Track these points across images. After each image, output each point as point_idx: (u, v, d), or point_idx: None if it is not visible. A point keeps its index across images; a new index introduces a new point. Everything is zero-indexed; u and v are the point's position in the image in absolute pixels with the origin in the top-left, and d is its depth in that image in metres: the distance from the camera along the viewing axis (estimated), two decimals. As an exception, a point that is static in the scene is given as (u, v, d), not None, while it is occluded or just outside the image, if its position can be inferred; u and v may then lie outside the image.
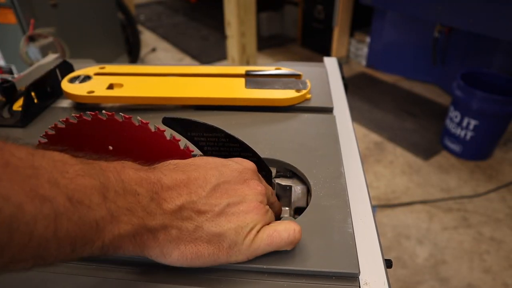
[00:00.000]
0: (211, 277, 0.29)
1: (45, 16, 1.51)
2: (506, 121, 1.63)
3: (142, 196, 0.25)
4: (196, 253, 0.26)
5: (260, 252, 0.28)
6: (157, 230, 0.25)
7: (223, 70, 0.58)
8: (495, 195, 1.54)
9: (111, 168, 0.24)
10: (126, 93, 0.50)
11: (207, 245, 0.26)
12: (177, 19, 3.76)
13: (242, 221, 0.27)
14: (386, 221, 1.43)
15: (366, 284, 0.29)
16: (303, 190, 0.40)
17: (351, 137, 0.47)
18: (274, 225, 0.29)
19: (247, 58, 2.14)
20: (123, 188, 0.24)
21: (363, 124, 2.01)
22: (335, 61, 0.68)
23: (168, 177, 0.27)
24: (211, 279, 0.29)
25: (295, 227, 0.29)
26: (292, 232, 0.28)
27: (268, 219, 0.30)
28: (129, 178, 0.25)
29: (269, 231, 0.28)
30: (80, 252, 0.22)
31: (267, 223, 0.29)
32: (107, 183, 0.23)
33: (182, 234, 0.26)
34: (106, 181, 0.23)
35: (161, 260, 0.27)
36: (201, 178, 0.28)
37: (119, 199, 0.23)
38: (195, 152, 0.35)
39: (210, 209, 0.27)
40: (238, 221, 0.27)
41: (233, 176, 0.29)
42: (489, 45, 1.96)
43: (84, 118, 0.33)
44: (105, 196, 0.23)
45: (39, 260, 0.20)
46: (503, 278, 1.22)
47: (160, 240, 0.26)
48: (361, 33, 2.62)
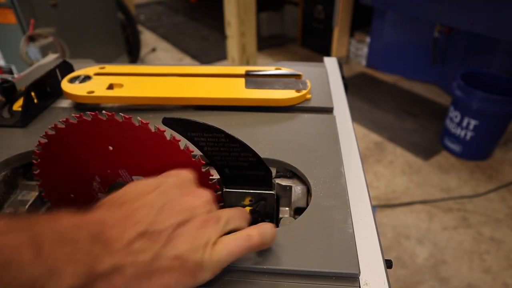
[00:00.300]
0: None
1: (45, 16, 1.51)
2: (506, 121, 1.63)
3: (82, 241, 0.22)
4: (161, 285, 0.24)
5: (224, 263, 0.27)
6: (109, 273, 0.23)
7: (223, 70, 0.58)
8: (495, 195, 1.54)
9: (43, 219, 0.23)
10: (126, 93, 0.50)
11: (170, 273, 0.24)
12: (177, 19, 3.76)
13: (195, 237, 0.26)
14: (386, 221, 1.43)
15: (366, 284, 0.29)
16: (303, 190, 0.40)
17: (351, 137, 0.47)
18: (232, 234, 0.28)
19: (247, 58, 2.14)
20: (59, 239, 0.22)
21: (363, 124, 2.01)
22: (335, 61, 0.68)
23: (109, 214, 0.25)
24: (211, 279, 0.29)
25: (250, 232, 0.27)
26: (247, 238, 0.27)
27: (223, 225, 0.28)
28: (65, 225, 0.23)
29: (226, 241, 0.27)
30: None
31: (223, 230, 0.28)
32: (38, 236, 0.21)
33: (140, 270, 0.24)
34: (36, 235, 0.21)
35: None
36: (143, 206, 0.26)
37: (56, 251, 0.21)
38: (195, 152, 0.35)
39: (162, 233, 0.25)
40: (191, 239, 0.26)
41: (174, 192, 0.28)
42: (489, 45, 1.96)
43: (84, 118, 0.33)
44: (38, 251, 0.20)
45: None
46: (503, 278, 1.22)
47: (116, 284, 0.23)
48: (361, 33, 2.62)
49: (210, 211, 0.28)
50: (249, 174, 0.37)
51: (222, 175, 0.37)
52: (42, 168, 0.37)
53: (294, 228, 0.32)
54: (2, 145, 0.44)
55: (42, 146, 0.36)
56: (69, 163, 0.36)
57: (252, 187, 0.38)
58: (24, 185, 0.43)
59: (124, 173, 0.36)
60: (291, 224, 0.33)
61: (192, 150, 0.34)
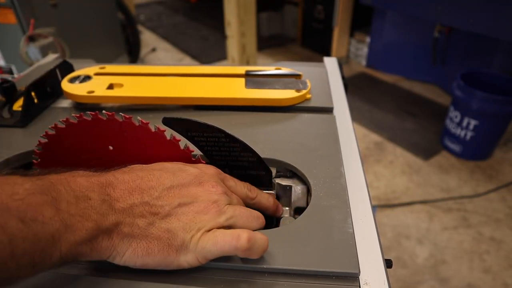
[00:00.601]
0: (211, 277, 0.29)
1: (45, 16, 1.51)
2: (506, 121, 1.63)
3: (93, 200, 0.26)
4: (146, 249, 0.27)
5: (208, 253, 0.28)
6: (110, 229, 0.26)
7: (223, 70, 0.58)
8: (495, 195, 1.54)
9: (62, 180, 0.25)
10: (126, 93, 0.50)
11: (157, 242, 0.27)
12: (177, 19, 3.76)
13: (191, 220, 0.28)
14: (386, 221, 1.43)
15: (366, 284, 0.29)
16: (303, 190, 0.40)
17: (351, 137, 0.47)
18: (227, 230, 0.29)
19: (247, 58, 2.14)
20: (74, 197, 0.25)
21: (363, 124, 2.01)
22: (335, 61, 0.68)
23: (120, 179, 0.28)
24: (211, 279, 0.29)
25: (241, 234, 0.28)
26: (235, 237, 0.27)
27: (224, 219, 0.29)
28: (80, 186, 0.26)
29: (217, 232, 0.28)
30: (40, 267, 0.23)
31: (223, 224, 0.29)
32: (58, 195, 0.24)
33: (134, 230, 0.27)
34: (57, 194, 0.24)
35: (117, 261, 0.27)
36: (155, 180, 0.29)
37: (71, 208, 0.24)
38: (195, 152, 0.35)
39: (162, 208, 0.28)
40: (187, 220, 0.28)
41: (188, 179, 0.30)
42: (489, 45, 1.96)
43: (84, 118, 0.33)
44: (57, 208, 0.23)
45: (0, 282, 0.21)
46: (503, 278, 1.22)
47: (114, 239, 0.26)
48: (361, 33, 2.62)
49: (215, 202, 0.30)
50: (249, 174, 0.37)
51: (222, 175, 0.37)
52: (42, 168, 0.37)
53: (294, 228, 0.32)
54: (2, 145, 0.44)
55: (42, 146, 0.36)
56: (69, 163, 0.36)
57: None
58: (24, 185, 0.43)
59: (124, 173, 0.36)
60: (291, 224, 0.33)
61: (192, 150, 0.34)
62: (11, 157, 0.42)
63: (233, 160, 0.36)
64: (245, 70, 0.57)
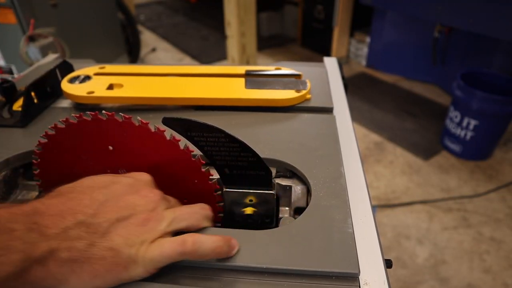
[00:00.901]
0: (211, 277, 0.29)
1: (45, 16, 1.51)
2: (506, 121, 1.63)
3: (18, 231, 0.24)
4: (92, 272, 0.25)
5: (157, 263, 0.27)
6: (45, 258, 0.24)
7: (223, 70, 0.58)
8: (495, 195, 1.54)
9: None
10: (126, 93, 0.50)
11: (103, 262, 0.26)
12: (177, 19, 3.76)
13: (132, 234, 0.27)
14: (386, 221, 1.43)
15: (366, 284, 0.29)
16: (303, 190, 0.40)
17: (351, 137, 0.47)
18: (173, 237, 0.28)
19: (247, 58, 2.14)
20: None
21: (363, 124, 2.01)
22: (335, 61, 0.68)
23: (48, 204, 0.26)
24: (211, 279, 0.29)
25: (186, 238, 0.28)
26: (181, 243, 0.27)
27: (165, 225, 0.29)
28: (1, 217, 0.24)
29: (163, 241, 0.28)
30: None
31: (165, 231, 0.28)
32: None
33: (74, 255, 0.25)
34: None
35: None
36: (87, 198, 0.28)
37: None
38: (195, 152, 0.35)
39: (99, 225, 0.26)
40: (128, 235, 0.27)
41: (123, 189, 0.29)
42: (489, 45, 1.96)
43: (84, 118, 0.33)
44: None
45: None
46: (503, 278, 1.22)
47: (51, 268, 0.24)
48: (361, 33, 2.62)
49: (154, 209, 0.29)
50: (249, 174, 0.37)
51: (222, 175, 0.37)
52: (42, 168, 0.37)
53: (294, 228, 0.32)
54: (2, 145, 0.44)
55: (42, 146, 0.36)
56: (69, 163, 0.36)
57: (252, 187, 0.38)
58: (24, 185, 0.43)
59: (124, 173, 0.36)
60: (291, 224, 0.33)
61: (192, 150, 0.34)
62: (11, 157, 0.42)
63: (233, 160, 0.36)
64: (245, 70, 0.57)
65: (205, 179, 0.36)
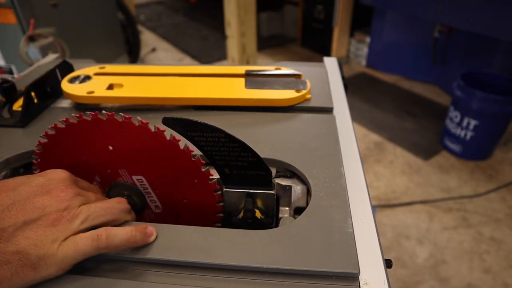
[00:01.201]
0: (211, 277, 0.29)
1: (45, 16, 1.51)
2: (506, 121, 1.63)
3: None
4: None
5: (71, 260, 0.27)
6: None
7: (223, 70, 0.58)
8: (495, 195, 1.54)
9: None
10: (126, 93, 0.50)
11: (8, 266, 0.26)
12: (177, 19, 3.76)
13: (41, 235, 0.27)
14: (386, 221, 1.43)
15: (366, 284, 0.29)
16: (303, 190, 0.40)
17: (351, 137, 0.47)
18: (87, 232, 0.29)
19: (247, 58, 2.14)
20: None
21: (363, 124, 2.01)
22: (335, 61, 0.68)
23: None
24: (211, 279, 0.29)
25: (99, 233, 0.28)
26: (95, 238, 0.28)
27: (79, 223, 0.29)
28: None
29: (77, 238, 0.28)
30: None
31: (79, 228, 0.28)
32: None
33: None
34: None
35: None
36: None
37: None
38: (195, 152, 0.35)
39: (5, 231, 0.26)
40: (36, 236, 0.27)
41: (32, 191, 0.29)
42: (489, 45, 1.96)
43: (84, 118, 0.33)
44: None
45: None
46: (503, 278, 1.22)
47: None
48: (361, 33, 2.62)
49: (66, 208, 0.29)
50: (249, 174, 0.37)
51: (222, 175, 0.37)
52: (42, 168, 0.37)
53: (294, 228, 0.32)
54: (2, 145, 0.44)
55: (42, 146, 0.36)
56: (69, 163, 0.36)
57: (252, 187, 0.38)
58: (24, 185, 0.43)
59: (124, 173, 0.36)
60: (291, 224, 0.33)
61: (192, 150, 0.34)
62: (11, 157, 0.42)
63: (233, 160, 0.36)
64: (245, 70, 0.56)
65: (205, 179, 0.36)
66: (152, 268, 0.30)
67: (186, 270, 0.30)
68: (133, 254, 0.30)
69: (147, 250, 0.30)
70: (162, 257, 0.30)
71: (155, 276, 0.29)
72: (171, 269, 0.30)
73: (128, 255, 0.30)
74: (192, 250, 0.30)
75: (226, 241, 0.31)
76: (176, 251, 0.30)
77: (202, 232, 0.32)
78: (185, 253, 0.30)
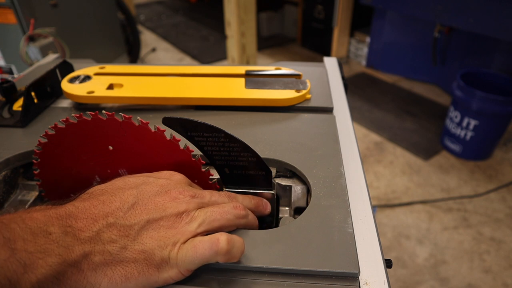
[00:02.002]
0: (211, 277, 0.29)
1: (45, 16, 1.51)
2: (506, 121, 1.63)
3: (54, 234, 0.24)
4: (125, 275, 0.26)
5: (190, 264, 0.27)
6: (78, 261, 0.25)
7: (223, 70, 0.58)
8: (495, 195, 1.54)
9: (16, 218, 0.24)
10: (126, 93, 0.50)
11: (135, 265, 0.26)
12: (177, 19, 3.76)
13: (163, 236, 0.27)
14: (386, 221, 1.44)
15: (366, 284, 0.29)
16: (303, 190, 0.40)
17: (351, 137, 0.47)
18: (205, 236, 0.28)
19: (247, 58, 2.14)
20: (31, 234, 0.24)
21: (363, 124, 2.01)
22: (335, 61, 0.68)
23: (80, 207, 0.27)
24: (211, 279, 0.29)
25: (219, 237, 0.27)
26: (215, 242, 0.27)
27: (196, 226, 0.28)
28: (36, 221, 0.24)
29: (195, 241, 0.27)
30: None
31: (196, 231, 0.28)
32: (12, 235, 0.23)
33: (106, 258, 0.25)
34: (10, 234, 0.23)
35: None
36: (118, 200, 0.28)
37: (29, 246, 0.23)
38: (195, 152, 0.35)
39: (131, 228, 0.27)
40: (159, 236, 0.27)
41: (153, 191, 0.29)
42: (489, 45, 1.97)
43: (84, 118, 0.33)
44: (12, 248, 0.22)
45: None
46: (503, 278, 1.22)
47: (85, 271, 0.25)
48: (361, 33, 2.62)
49: (186, 211, 0.29)
50: (249, 174, 0.37)
51: (222, 175, 0.37)
52: (42, 168, 0.37)
53: (294, 228, 0.32)
54: (2, 145, 0.44)
55: (42, 146, 0.36)
56: (69, 163, 0.36)
57: (252, 187, 0.38)
58: (24, 185, 0.43)
59: (124, 173, 0.36)
60: (291, 224, 0.33)
61: (192, 149, 0.34)
62: (11, 157, 0.42)
63: (233, 160, 0.36)
64: (245, 70, 0.57)
65: (205, 179, 0.36)
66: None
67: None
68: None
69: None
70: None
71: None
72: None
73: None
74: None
75: (226, 241, 0.31)
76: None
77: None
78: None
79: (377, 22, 2.45)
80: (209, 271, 0.30)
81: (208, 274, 0.29)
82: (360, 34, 2.63)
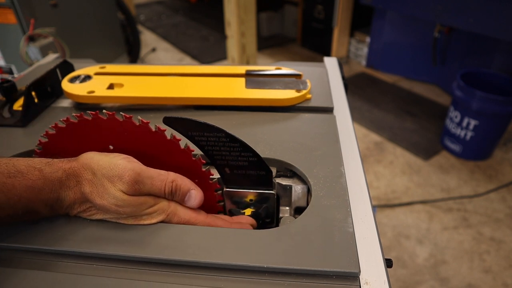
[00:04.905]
0: (211, 277, 0.29)
1: (45, 16, 1.51)
2: (506, 121, 1.63)
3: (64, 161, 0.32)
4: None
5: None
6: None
7: (223, 70, 0.58)
8: (495, 195, 1.54)
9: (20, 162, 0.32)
10: (126, 93, 0.50)
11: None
12: (177, 19, 3.76)
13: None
14: (386, 221, 1.44)
15: (367, 284, 0.29)
16: (304, 189, 0.40)
17: (351, 137, 0.47)
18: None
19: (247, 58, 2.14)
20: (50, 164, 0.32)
21: (363, 124, 2.01)
22: (335, 61, 0.68)
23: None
24: (211, 278, 0.29)
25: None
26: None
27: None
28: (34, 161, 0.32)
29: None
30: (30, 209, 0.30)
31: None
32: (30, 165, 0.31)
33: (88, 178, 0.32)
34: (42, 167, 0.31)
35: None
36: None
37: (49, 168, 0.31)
38: (196, 152, 0.35)
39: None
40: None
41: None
42: (489, 45, 1.96)
43: (84, 117, 0.33)
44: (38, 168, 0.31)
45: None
46: (503, 278, 1.22)
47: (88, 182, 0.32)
48: (361, 33, 2.62)
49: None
50: (250, 174, 0.37)
51: (223, 175, 0.37)
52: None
53: (294, 228, 0.32)
54: (3, 145, 0.44)
55: (43, 146, 0.36)
56: (69, 163, 0.36)
57: (253, 186, 0.38)
58: (25, 185, 0.43)
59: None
60: (291, 224, 0.33)
61: (193, 149, 0.34)
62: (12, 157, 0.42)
63: (233, 160, 0.36)
64: (245, 70, 0.57)
65: (205, 179, 0.36)
66: (153, 268, 0.30)
67: (186, 269, 0.30)
68: (134, 253, 0.30)
69: (148, 249, 0.30)
70: (162, 256, 0.30)
71: (155, 275, 0.29)
72: (171, 268, 0.30)
73: (128, 254, 0.30)
74: (192, 249, 0.30)
75: (226, 241, 0.31)
76: (176, 251, 0.30)
77: (202, 232, 0.32)
78: (185, 253, 0.30)
79: (377, 22, 2.45)
80: (209, 270, 0.30)
81: (209, 273, 0.29)
82: (360, 34, 2.63)
